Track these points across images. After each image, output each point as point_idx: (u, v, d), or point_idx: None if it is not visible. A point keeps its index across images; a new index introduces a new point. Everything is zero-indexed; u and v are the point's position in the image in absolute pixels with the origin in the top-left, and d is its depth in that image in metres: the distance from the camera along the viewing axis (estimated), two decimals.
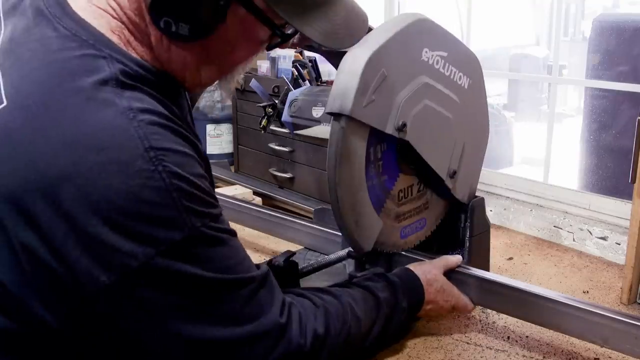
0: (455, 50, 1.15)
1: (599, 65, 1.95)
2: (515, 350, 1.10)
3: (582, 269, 1.48)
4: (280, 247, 1.53)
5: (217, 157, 2.32)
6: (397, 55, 1.04)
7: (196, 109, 2.34)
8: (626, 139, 1.85)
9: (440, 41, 1.12)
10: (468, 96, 1.19)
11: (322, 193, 1.88)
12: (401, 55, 1.05)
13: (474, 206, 1.31)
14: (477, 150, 1.28)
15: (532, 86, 4.28)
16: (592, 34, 2.01)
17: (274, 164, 2.06)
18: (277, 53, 2.01)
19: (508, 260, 1.52)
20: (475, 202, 1.32)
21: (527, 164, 3.12)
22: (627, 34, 1.90)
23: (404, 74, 1.07)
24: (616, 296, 1.32)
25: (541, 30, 4.76)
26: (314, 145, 1.87)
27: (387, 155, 1.14)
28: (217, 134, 2.32)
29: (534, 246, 1.63)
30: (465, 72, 1.17)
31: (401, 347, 1.11)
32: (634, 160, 1.21)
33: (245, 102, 2.15)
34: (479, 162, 1.31)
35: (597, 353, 1.10)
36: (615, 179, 1.91)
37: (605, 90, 1.97)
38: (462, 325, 1.19)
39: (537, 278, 1.42)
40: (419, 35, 1.08)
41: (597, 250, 1.57)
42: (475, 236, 1.32)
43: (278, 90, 1.92)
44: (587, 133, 2.05)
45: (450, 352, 1.09)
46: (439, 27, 1.12)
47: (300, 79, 1.75)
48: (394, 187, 1.17)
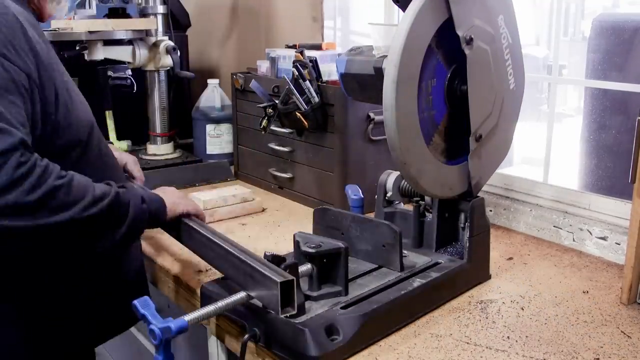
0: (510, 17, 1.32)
1: (598, 65, 1.95)
2: (515, 350, 1.10)
3: (582, 269, 1.49)
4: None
5: (217, 157, 2.32)
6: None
7: (196, 108, 2.34)
8: (626, 138, 1.85)
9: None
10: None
11: (322, 193, 1.88)
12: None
13: (474, 206, 1.32)
14: (505, 133, 1.36)
15: (531, 86, 4.27)
16: (592, 33, 2.01)
17: (274, 164, 2.06)
18: (277, 53, 2.01)
19: (508, 260, 1.53)
20: (475, 201, 1.32)
21: (527, 163, 3.12)
22: (627, 34, 1.90)
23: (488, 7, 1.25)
24: (616, 296, 1.32)
25: (541, 30, 4.75)
26: (314, 145, 1.87)
27: (435, 90, 1.24)
28: (217, 134, 2.32)
29: (534, 246, 1.63)
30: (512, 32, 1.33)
31: (401, 347, 1.11)
32: (634, 160, 1.21)
33: (245, 102, 2.15)
34: (501, 153, 1.37)
35: (597, 353, 1.10)
36: (615, 179, 1.91)
37: (605, 90, 1.97)
38: (462, 325, 1.19)
39: (537, 278, 1.42)
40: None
41: (597, 250, 1.57)
42: (474, 236, 1.32)
43: (278, 90, 1.92)
44: (587, 133, 2.05)
45: (450, 352, 1.09)
46: None
47: (300, 79, 1.76)
48: (441, 122, 1.26)
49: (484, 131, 1.29)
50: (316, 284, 1.16)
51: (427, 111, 1.23)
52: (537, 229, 1.70)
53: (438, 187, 1.27)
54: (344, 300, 1.14)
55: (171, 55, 2.18)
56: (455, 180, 1.30)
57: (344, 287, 1.16)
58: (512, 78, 1.33)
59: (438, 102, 1.25)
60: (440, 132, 1.27)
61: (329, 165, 1.84)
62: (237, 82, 2.15)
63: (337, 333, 1.06)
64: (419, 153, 1.21)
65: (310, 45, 1.99)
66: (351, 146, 1.79)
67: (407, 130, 1.17)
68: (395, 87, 1.12)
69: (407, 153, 1.18)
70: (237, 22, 2.77)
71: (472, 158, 1.29)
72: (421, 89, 1.19)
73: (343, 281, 1.16)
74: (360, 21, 2.65)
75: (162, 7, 2.26)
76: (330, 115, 1.79)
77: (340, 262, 1.16)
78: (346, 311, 1.10)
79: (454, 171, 1.29)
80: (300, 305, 1.07)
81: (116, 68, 2.31)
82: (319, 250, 1.15)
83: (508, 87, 1.33)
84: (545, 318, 1.23)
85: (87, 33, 1.98)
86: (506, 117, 1.34)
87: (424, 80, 1.19)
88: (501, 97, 1.31)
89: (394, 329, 1.16)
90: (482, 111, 1.27)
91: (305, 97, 1.76)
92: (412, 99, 1.17)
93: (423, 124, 1.21)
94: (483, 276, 1.39)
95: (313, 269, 1.15)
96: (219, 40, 2.84)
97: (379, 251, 1.28)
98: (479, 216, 1.33)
